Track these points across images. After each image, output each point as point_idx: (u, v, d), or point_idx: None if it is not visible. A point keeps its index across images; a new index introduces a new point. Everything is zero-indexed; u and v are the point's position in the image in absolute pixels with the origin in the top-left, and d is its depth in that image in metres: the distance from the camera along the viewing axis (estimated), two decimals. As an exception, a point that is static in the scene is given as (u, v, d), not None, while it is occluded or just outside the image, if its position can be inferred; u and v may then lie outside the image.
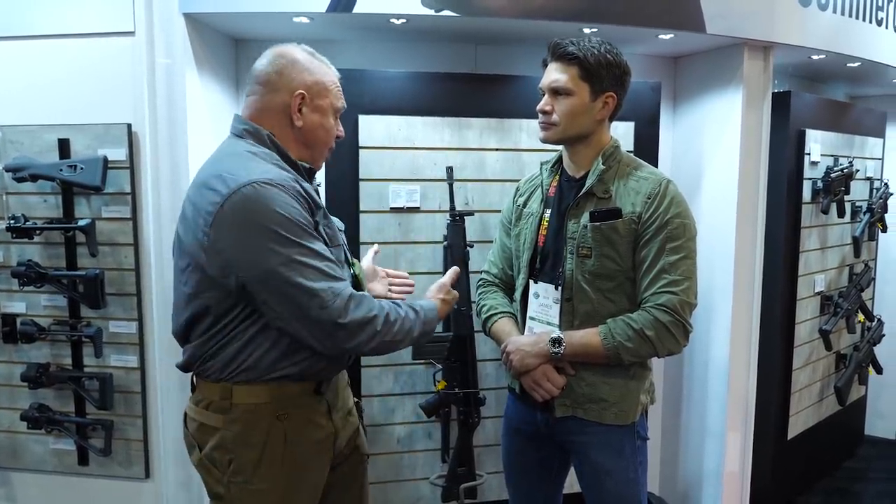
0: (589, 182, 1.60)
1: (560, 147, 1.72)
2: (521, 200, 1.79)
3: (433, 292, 1.62)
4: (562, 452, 1.75)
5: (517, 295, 1.76)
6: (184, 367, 1.47)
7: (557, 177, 1.72)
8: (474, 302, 1.90)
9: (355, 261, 1.58)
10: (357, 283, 1.52)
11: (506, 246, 1.83)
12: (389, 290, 1.75)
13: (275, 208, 1.26)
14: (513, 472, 1.86)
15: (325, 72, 1.47)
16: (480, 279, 1.90)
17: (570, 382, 1.63)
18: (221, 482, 1.40)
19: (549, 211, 1.69)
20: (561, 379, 1.62)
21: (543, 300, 1.68)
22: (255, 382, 1.38)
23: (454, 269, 1.67)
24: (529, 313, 1.72)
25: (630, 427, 1.64)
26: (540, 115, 1.63)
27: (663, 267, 1.54)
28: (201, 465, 1.43)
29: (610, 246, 1.57)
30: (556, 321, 1.64)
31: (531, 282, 1.71)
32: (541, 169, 1.77)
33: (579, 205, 1.61)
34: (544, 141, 1.66)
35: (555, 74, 1.59)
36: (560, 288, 1.63)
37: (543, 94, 1.63)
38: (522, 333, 1.72)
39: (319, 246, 1.32)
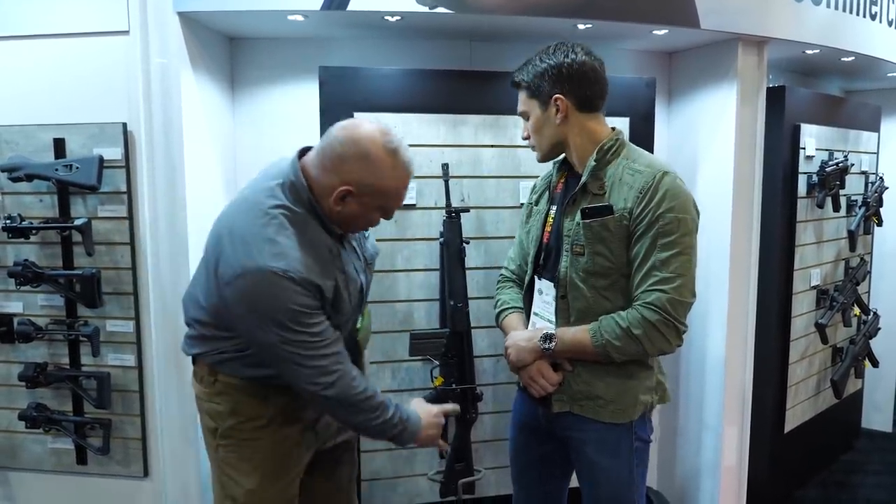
0: (583, 179, 1.60)
1: None
2: (534, 197, 1.82)
3: (428, 414, 1.58)
4: (564, 448, 1.74)
5: (524, 290, 1.78)
6: (184, 349, 1.58)
7: (565, 174, 1.73)
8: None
9: (366, 310, 1.65)
10: (352, 341, 1.57)
11: (522, 242, 1.84)
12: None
13: (282, 302, 1.30)
14: (517, 466, 1.87)
15: (392, 177, 1.37)
16: (500, 274, 1.91)
17: (567, 378, 1.63)
18: (212, 446, 1.54)
19: (554, 208, 1.70)
20: (556, 375, 1.62)
21: (546, 296, 1.69)
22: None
23: (454, 407, 1.70)
24: (534, 309, 1.73)
25: (628, 426, 1.62)
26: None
27: (654, 264, 1.50)
28: (203, 432, 1.58)
29: (602, 243, 1.56)
30: (554, 318, 1.65)
31: (535, 278, 1.72)
32: (553, 166, 1.78)
33: (575, 201, 1.61)
34: (539, 161, 1.73)
35: (518, 103, 1.70)
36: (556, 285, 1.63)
37: None
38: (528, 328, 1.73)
39: (319, 327, 1.35)
